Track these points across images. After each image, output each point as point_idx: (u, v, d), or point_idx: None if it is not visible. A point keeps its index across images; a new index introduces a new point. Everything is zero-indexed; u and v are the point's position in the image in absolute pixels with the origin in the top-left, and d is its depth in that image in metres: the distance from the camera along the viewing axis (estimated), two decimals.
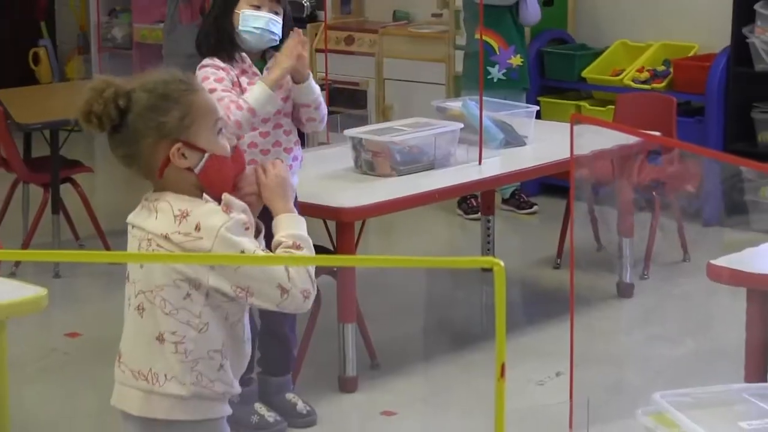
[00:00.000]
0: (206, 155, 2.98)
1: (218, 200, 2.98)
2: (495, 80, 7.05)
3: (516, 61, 7.16)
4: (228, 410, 3.14)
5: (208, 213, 2.94)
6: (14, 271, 6.12)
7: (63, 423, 4.97)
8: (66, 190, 6.77)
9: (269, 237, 3.06)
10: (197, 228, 2.92)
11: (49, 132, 6.67)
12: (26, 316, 4.23)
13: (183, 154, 2.96)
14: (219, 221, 2.91)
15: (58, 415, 5.04)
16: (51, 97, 7.97)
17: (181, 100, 2.99)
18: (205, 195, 3.01)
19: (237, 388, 3.12)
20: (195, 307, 2.99)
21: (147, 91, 2.99)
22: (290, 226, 3.01)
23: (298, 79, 4.70)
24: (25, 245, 6.60)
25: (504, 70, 7.06)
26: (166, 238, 2.95)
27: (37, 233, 6.67)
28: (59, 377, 5.41)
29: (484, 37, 6.89)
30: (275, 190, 3.05)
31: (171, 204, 2.96)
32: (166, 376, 3.00)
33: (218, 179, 3.01)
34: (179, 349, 2.99)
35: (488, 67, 6.86)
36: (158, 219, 2.96)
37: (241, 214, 2.96)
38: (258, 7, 4.64)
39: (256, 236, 3.04)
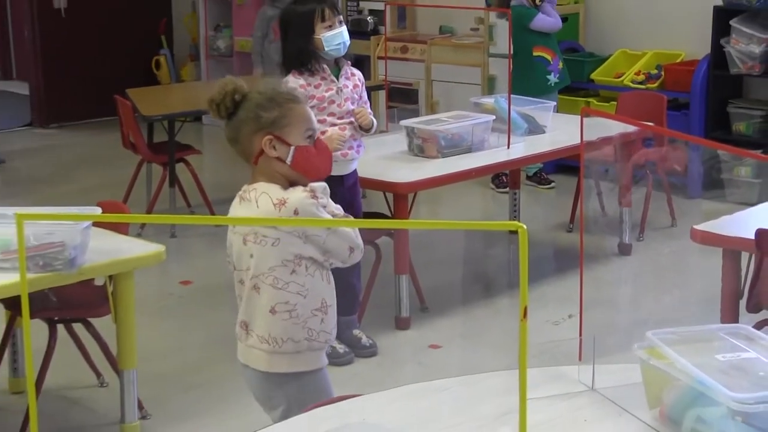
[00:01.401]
0: (293, 147, 3.00)
1: (305, 185, 3.03)
2: (552, 84, 7.12)
3: (561, 65, 7.20)
4: (325, 361, 3.19)
5: (301, 199, 2.97)
6: (140, 232, 6.18)
7: (176, 351, 5.01)
8: (180, 168, 6.81)
9: None
10: (296, 212, 2.96)
11: (167, 122, 6.71)
12: (149, 267, 4.27)
13: (273, 146, 2.99)
14: (311, 206, 2.97)
15: (173, 345, 5.09)
16: (169, 95, 8.03)
17: (284, 105, 3.04)
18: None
19: (334, 335, 3.19)
20: (299, 278, 3.03)
21: (259, 93, 3.06)
22: None
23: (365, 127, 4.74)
24: (148, 211, 6.67)
25: (557, 75, 7.08)
26: (264, 234, 3.00)
27: (158, 202, 6.72)
28: (174, 316, 5.45)
29: (539, 53, 6.96)
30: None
31: (269, 194, 2.99)
32: (283, 338, 3.05)
33: (307, 167, 3.05)
34: (292, 315, 3.04)
35: (547, 76, 6.91)
36: (260, 208, 2.98)
37: (323, 197, 3.01)
38: (330, 26, 4.62)
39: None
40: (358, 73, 4.83)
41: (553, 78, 7.07)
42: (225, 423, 4.21)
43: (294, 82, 4.51)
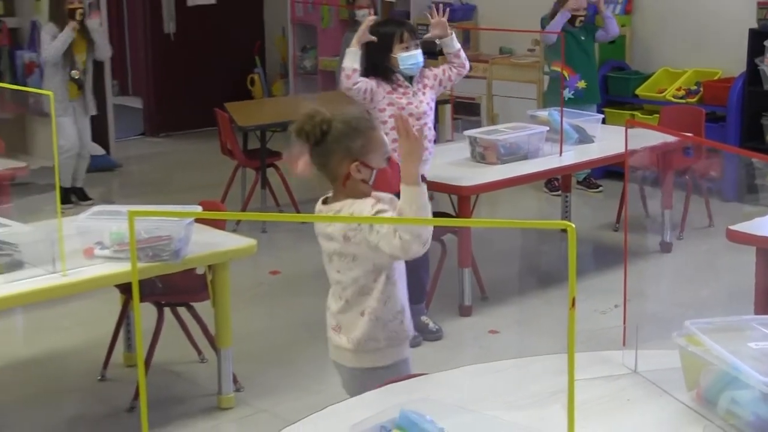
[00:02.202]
0: (375, 171, 3.00)
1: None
2: (566, 98, 7.03)
3: (581, 84, 7.10)
4: (407, 353, 3.18)
5: (363, 207, 2.95)
6: (235, 228, 6.20)
7: (266, 332, 5.03)
8: (270, 172, 6.83)
9: None
10: (359, 226, 2.94)
11: (260, 132, 6.74)
12: (242, 259, 4.29)
13: (359, 170, 2.98)
14: (368, 210, 2.94)
15: (263, 327, 5.11)
16: (261, 108, 8.07)
17: (366, 133, 3.02)
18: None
19: (412, 332, 3.18)
20: (380, 286, 3.02)
21: (343, 123, 3.03)
22: (407, 197, 2.86)
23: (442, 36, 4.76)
24: (243, 210, 6.70)
25: (572, 91, 6.98)
26: (346, 238, 2.97)
27: (251, 202, 6.75)
28: (264, 302, 5.48)
29: (556, 68, 6.91)
30: (406, 147, 2.91)
31: (344, 210, 2.98)
32: (366, 339, 3.05)
33: (386, 185, 3.05)
34: (376, 318, 3.04)
35: (560, 89, 6.82)
36: (335, 224, 3.00)
37: (386, 204, 2.98)
38: (407, 48, 4.60)
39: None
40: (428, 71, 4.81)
41: (567, 93, 6.92)
42: (307, 397, 4.22)
43: (367, 83, 4.51)
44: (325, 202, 3.07)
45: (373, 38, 4.53)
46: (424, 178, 3.10)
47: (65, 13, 6.84)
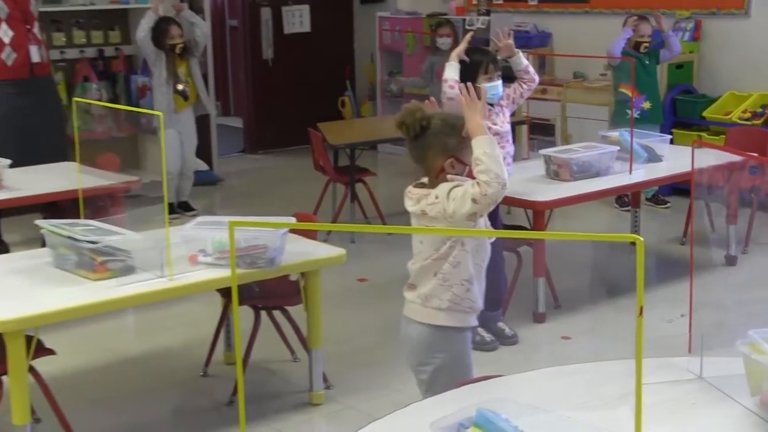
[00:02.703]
0: (467, 167, 3.03)
1: None
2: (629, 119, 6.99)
3: (646, 105, 7.00)
4: (474, 322, 3.21)
5: (444, 187, 3.00)
6: (326, 238, 6.22)
7: (353, 336, 5.05)
8: (359, 187, 6.87)
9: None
10: (437, 197, 2.99)
11: (349, 150, 6.78)
12: (333, 267, 4.30)
13: (453, 165, 3.03)
14: (448, 188, 2.98)
15: (351, 330, 5.12)
16: (351, 127, 8.11)
17: (461, 132, 3.03)
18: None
19: (480, 305, 3.17)
20: (454, 252, 3.05)
21: (441, 120, 3.08)
22: (481, 145, 2.93)
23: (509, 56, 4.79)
24: (333, 221, 6.73)
25: (638, 112, 6.88)
26: (423, 213, 3.02)
27: (341, 214, 6.78)
28: (352, 307, 5.49)
29: (624, 90, 6.83)
30: (469, 107, 3.01)
31: (430, 194, 3.03)
32: (430, 296, 3.10)
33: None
34: (444, 279, 3.08)
35: (626, 110, 6.71)
36: (438, 198, 3.00)
37: (461, 180, 3.02)
38: (490, 78, 4.60)
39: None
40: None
41: (634, 113, 6.85)
42: (391, 395, 4.22)
43: (454, 77, 4.50)
44: (416, 185, 3.11)
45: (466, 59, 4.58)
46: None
47: (167, 45, 7.04)
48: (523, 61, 4.83)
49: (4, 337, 3.45)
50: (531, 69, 4.84)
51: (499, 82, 4.64)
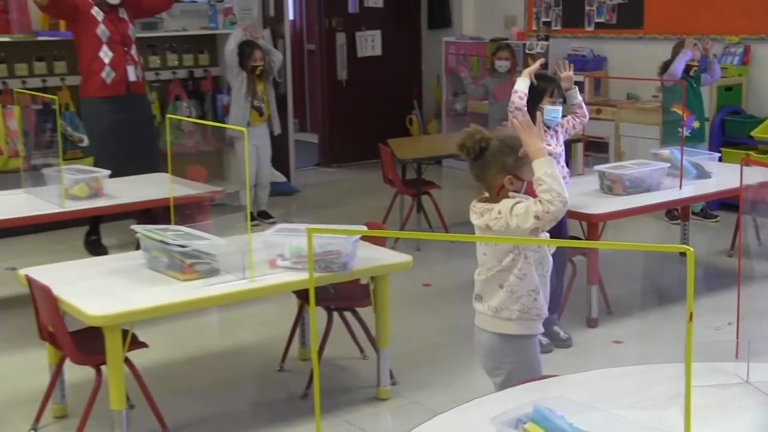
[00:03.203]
0: (525, 183, 3.05)
1: None
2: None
3: (696, 124, 6.89)
4: (541, 328, 3.20)
5: (507, 202, 3.00)
6: (394, 246, 6.20)
7: (418, 336, 5.03)
8: (424, 199, 6.87)
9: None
10: (500, 212, 2.99)
11: (416, 164, 6.78)
12: (400, 272, 4.31)
13: (511, 182, 3.03)
14: (511, 204, 2.98)
15: (416, 331, 5.11)
16: (418, 144, 8.12)
17: (518, 150, 3.03)
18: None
19: (546, 312, 3.17)
20: (519, 264, 3.05)
21: (499, 141, 3.07)
22: (542, 166, 2.93)
23: (567, 88, 4.76)
24: (401, 230, 6.74)
25: (689, 131, 6.77)
26: (487, 227, 3.03)
27: (407, 224, 6.78)
28: (418, 309, 5.48)
29: (675, 109, 6.73)
30: (527, 132, 3.00)
31: (494, 208, 3.03)
32: (501, 308, 3.10)
33: (533, 194, 3.03)
34: (511, 291, 3.07)
35: (677, 129, 6.60)
36: (501, 213, 3.01)
37: (522, 197, 3.03)
38: (554, 102, 4.60)
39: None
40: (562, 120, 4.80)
41: (685, 132, 6.74)
42: (453, 392, 4.20)
43: (520, 101, 4.47)
44: (480, 200, 3.12)
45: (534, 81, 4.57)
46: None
47: (249, 66, 7.17)
48: (578, 96, 4.84)
49: (103, 331, 3.53)
50: (584, 106, 4.86)
51: (560, 108, 4.65)
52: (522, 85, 4.52)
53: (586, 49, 8.75)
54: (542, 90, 4.59)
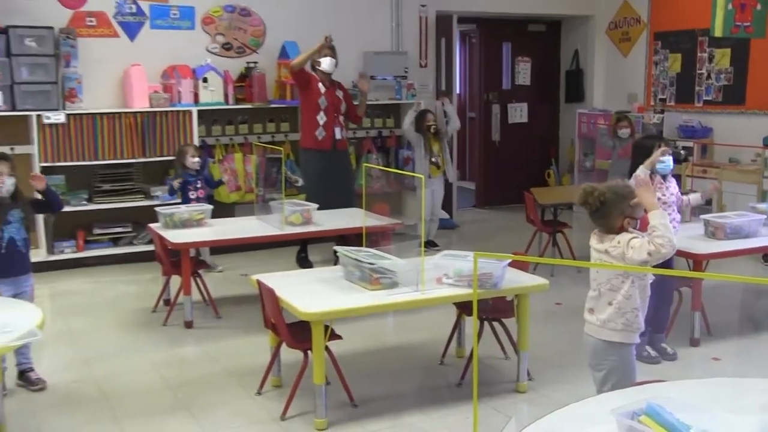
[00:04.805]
0: (639, 220, 3.01)
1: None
2: None
3: None
4: (638, 339, 3.14)
5: (627, 235, 2.97)
6: (533, 271, 6.09)
7: (551, 343, 4.91)
8: (559, 237, 6.76)
9: None
10: (618, 242, 2.97)
11: (553, 208, 6.70)
12: (538, 293, 4.25)
13: (629, 223, 3.01)
14: (629, 237, 2.95)
15: (549, 339, 4.98)
16: (554, 192, 8.00)
17: (629, 197, 3.02)
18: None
19: (643, 327, 3.11)
20: (626, 287, 3.03)
21: (613, 192, 3.05)
22: (656, 217, 2.92)
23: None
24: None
25: None
26: (606, 252, 3.00)
27: (544, 255, 6.68)
28: (552, 322, 5.35)
29: None
30: (643, 189, 3.00)
31: (615, 239, 3.00)
32: (608, 320, 3.07)
33: (643, 226, 3.01)
34: (618, 308, 3.04)
35: None
36: (620, 243, 2.99)
37: (637, 233, 2.99)
38: (663, 153, 4.40)
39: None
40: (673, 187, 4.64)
41: None
42: (576, 389, 4.09)
43: (643, 172, 4.32)
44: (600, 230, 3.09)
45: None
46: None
47: (424, 127, 7.33)
48: (699, 199, 4.77)
49: (311, 324, 3.68)
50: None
51: (670, 158, 4.48)
52: (640, 172, 4.19)
53: (695, 121, 8.40)
54: (650, 146, 4.42)
